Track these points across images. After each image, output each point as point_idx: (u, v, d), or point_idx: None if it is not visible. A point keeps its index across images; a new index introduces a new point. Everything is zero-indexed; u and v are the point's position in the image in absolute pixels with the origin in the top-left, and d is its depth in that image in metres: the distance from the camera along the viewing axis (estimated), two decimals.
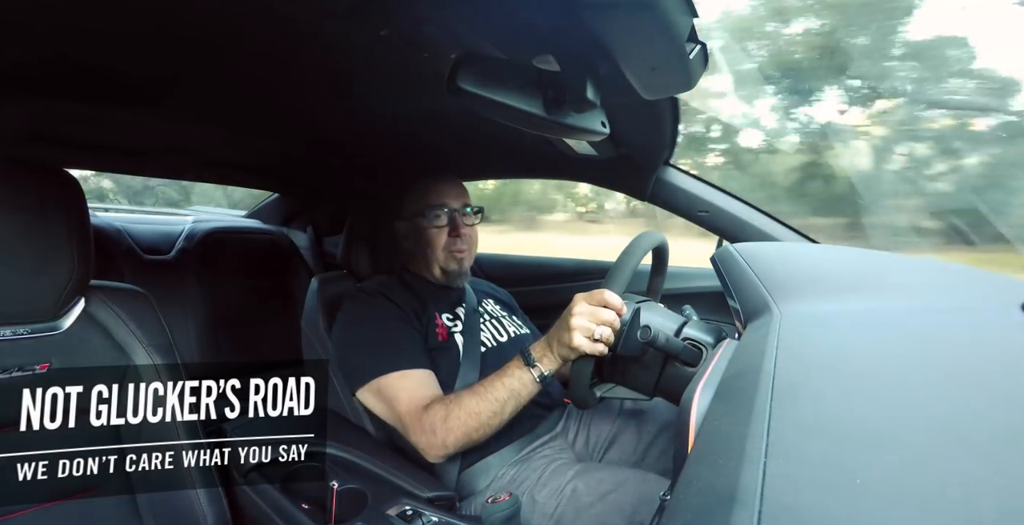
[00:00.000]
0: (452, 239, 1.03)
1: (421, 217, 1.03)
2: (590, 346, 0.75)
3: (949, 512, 0.20)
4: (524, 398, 0.81)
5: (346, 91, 0.88)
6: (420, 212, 1.04)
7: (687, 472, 0.29)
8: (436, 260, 1.04)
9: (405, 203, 1.07)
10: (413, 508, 0.77)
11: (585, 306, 0.76)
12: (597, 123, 0.64)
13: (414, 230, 1.06)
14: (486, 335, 1.02)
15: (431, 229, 1.03)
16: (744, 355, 0.43)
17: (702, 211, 1.15)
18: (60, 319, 0.71)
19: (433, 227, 1.03)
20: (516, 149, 1.21)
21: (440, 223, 1.03)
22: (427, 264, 1.07)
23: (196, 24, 0.62)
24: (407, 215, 1.07)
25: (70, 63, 0.74)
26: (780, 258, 0.67)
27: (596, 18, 0.45)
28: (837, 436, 0.26)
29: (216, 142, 1.24)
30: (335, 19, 0.59)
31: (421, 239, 1.05)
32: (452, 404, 0.82)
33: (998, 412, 0.29)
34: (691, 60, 0.54)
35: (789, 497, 0.22)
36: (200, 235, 1.71)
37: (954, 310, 0.50)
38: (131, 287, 0.81)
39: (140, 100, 0.90)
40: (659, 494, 0.62)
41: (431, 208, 1.02)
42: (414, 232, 1.06)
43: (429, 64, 0.65)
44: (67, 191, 0.69)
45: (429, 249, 1.04)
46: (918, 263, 0.73)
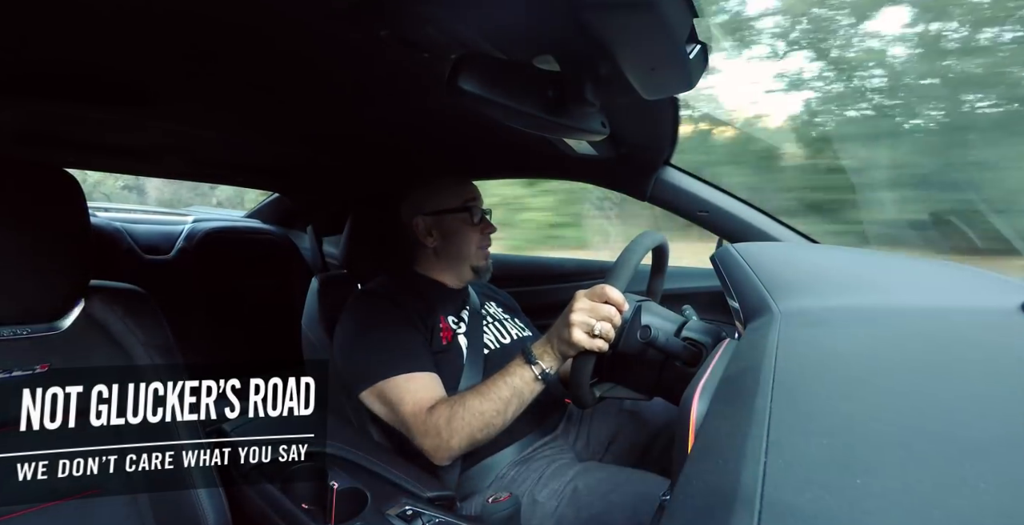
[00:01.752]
0: (484, 236, 1.05)
1: (458, 213, 1.03)
2: (589, 342, 0.74)
3: (949, 512, 0.20)
4: (527, 397, 0.81)
5: (346, 91, 0.88)
6: (457, 208, 1.03)
7: (687, 472, 0.29)
8: (468, 256, 1.05)
9: (430, 199, 1.05)
10: (413, 508, 0.77)
11: (586, 301, 0.76)
12: (597, 123, 0.64)
13: (443, 226, 1.04)
14: (489, 337, 1.02)
15: (466, 226, 1.04)
16: (744, 355, 0.43)
17: (702, 211, 1.15)
18: (60, 319, 0.71)
19: (469, 224, 1.04)
20: (516, 149, 1.21)
21: (476, 220, 1.04)
22: (454, 261, 1.05)
23: (196, 24, 0.62)
24: (433, 211, 1.04)
25: (70, 63, 0.74)
26: (780, 258, 0.67)
27: (596, 18, 0.45)
28: (837, 436, 0.26)
29: (216, 142, 1.24)
30: (335, 19, 0.59)
31: (455, 235, 1.04)
32: (456, 405, 0.82)
33: (998, 412, 0.29)
34: (691, 60, 0.54)
35: (789, 497, 0.22)
36: (200, 235, 1.71)
37: (954, 310, 0.50)
38: (131, 287, 0.81)
39: (140, 100, 0.90)
40: (659, 494, 0.62)
41: (469, 206, 1.03)
42: (442, 228, 1.05)
43: (429, 64, 0.65)
44: (67, 191, 0.69)
45: (464, 246, 1.04)
46: (918, 263, 0.73)
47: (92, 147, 1.20)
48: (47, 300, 0.68)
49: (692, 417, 0.41)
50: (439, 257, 1.06)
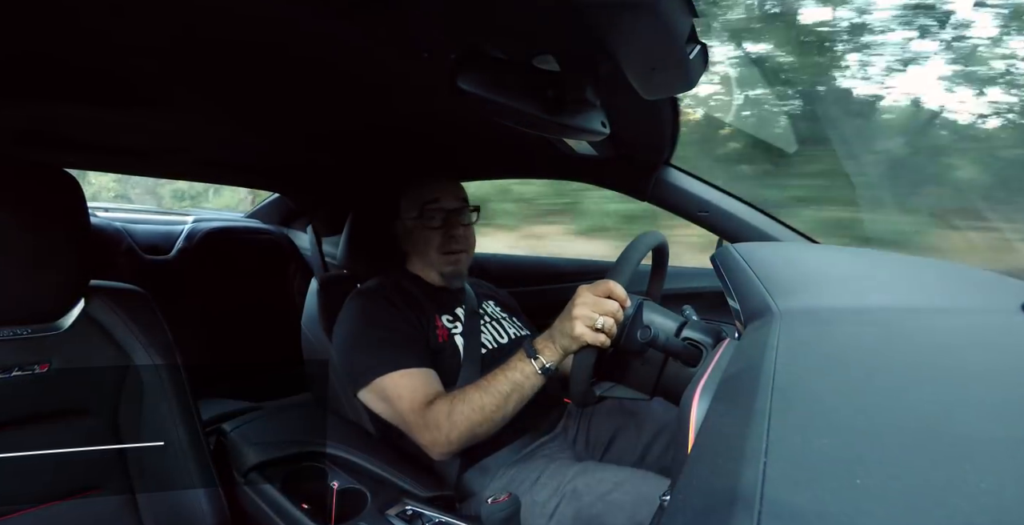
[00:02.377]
0: (446, 240, 1.02)
1: (416, 217, 1.03)
2: (592, 336, 0.74)
3: (949, 512, 0.20)
4: (527, 391, 0.80)
5: (346, 91, 0.87)
6: (415, 212, 1.03)
7: (687, 472, 0.29)
8: (431, 261, 1.04)
9: (403, 203, 1.07)
10: (413, 508, 0.77)
11: (589, 296, 0.76)
12: (597, 123, 0.64)
13: (410, 231, 1.06)
14: (487, 337, 1.02)
15: (425, 229, 1.03)
16: (744, 355, 0.43)
17: (702, 211, 1.15)
18: (60, 319, 0.71)
19: (427, 228, 1.03)
20: (516, 149, 1.21)
21: (434, 224, 1.02)
22: (423, 265, 1.07)
23: (195, 24, 0.62)
24: (404, 215, 1.07)
25: (70, 63, 0.74)
26: (780, 258, 0.67)
27: (596, 18, 0.45)
28: (837, 436, 0.26)
29: (216, 142, 1.24)
30: (335, 19, 0.59)
31: (417, 240, 1.05)
32: (456, 399, 0.82)
33: (999, 412, 0.29)
34: (691, 60, 0.54)
35: (789, 497, 0.22)
36: (200, 235, 1.71)
37: (954, 310, 0.50)
38: (131, 287, 0.81)
39: (140, 100, 0.90)
40: (659, 494, 0.62)
41: (425, 208, 1.02)
42: (410, 233, 1.06)
43: (429, 64, 0.65)
44: (67, 191, 0.69)
45: (424, 250, 1.04)
46: (918, 263, 0.73)
47: (92, 147, 1.20)
48: (47, 300, 0.68)
49: (692, 417, 0.41)
50: (413, 260, 1.09)
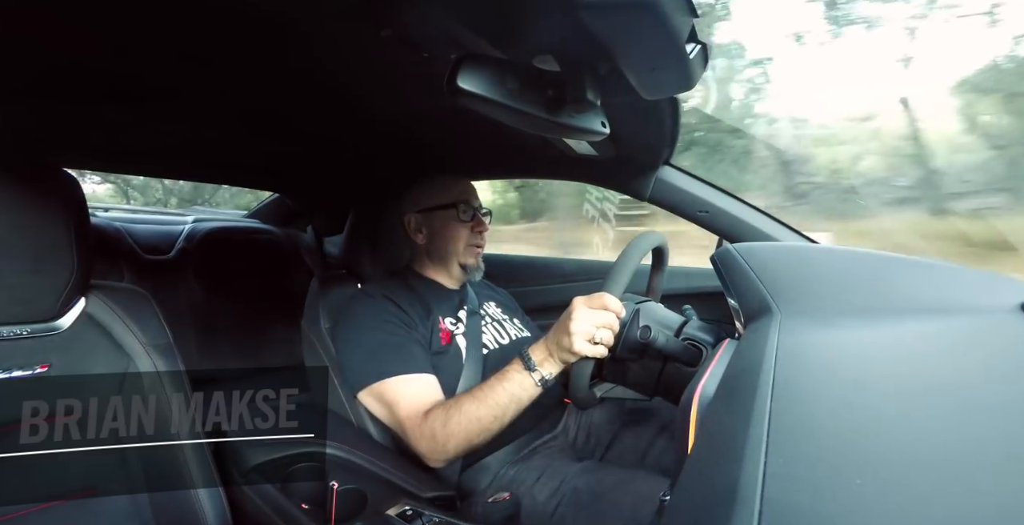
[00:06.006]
0: (475, 234, 1.05)
1: (446, 210, 1.04)
2: (591, 349, 0.75)
3: (949, 512, 0.20)
4: (525, 402, 0.81)
5: (346, 91, 0.88)
6: (446, 205, 1.04)
7: (687, 472, 0.29)
8: (456, 254, 1.05)
9: (422, 196, 1.07)
10: (413, 508, 0.77)
11: (584, 310, 0.76)
12: (597, 123, 0.64)
13: (432, 223, 1.06)
14: (488, 338, 1.02)
15: (456, 223, 1.04)
16: (744, 355, 0.43)
17: (702, 211, 1.15)
18: (60, 319, 0.71)
19: (459, 221, 1.04)
20: (516, 149, 1.21)
21: (466, 218, 1.04)
22: (442, 259, 1.06)
23: (196, 24, 0.62)
24: (424, 208, 1.06)
25: (70, 64, 0.74)
26: (780, 258, 0.67)
27: (596, 18, 0.45)
28: (837, 436, 0.26)
29: (216, 142, 1.24)
30: (335, 19, 0.59)
31: (442, 232, 1.05)
32: (452, 409, 0.82)
33: (998, 413, 0.29)
34: (691, 60, 0.54)
35: (789, 497, 0.22)
36: (200, 235, 1.71)
37: (954, 310, 0.50)
38: (131, 287, 0.81)
39: (140, 101, 0.90)
40: (659, 494, 0.62)
41: (459, 202, 1.04)
42: (431, 225, 1.06)
43: (429, 64, 0.65)
44: (67, 191, 0.69)
45: (451, 243, 1.05)
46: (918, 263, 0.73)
47: (92, 147, 1.20)
48: (47, 300, 0.68)
49: (692, 417, 0.41)
50: (430, 255, 1.08)
